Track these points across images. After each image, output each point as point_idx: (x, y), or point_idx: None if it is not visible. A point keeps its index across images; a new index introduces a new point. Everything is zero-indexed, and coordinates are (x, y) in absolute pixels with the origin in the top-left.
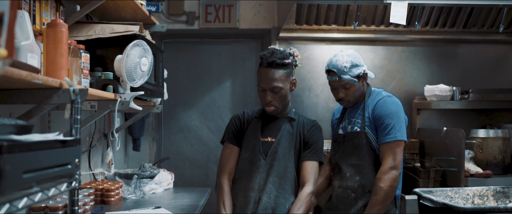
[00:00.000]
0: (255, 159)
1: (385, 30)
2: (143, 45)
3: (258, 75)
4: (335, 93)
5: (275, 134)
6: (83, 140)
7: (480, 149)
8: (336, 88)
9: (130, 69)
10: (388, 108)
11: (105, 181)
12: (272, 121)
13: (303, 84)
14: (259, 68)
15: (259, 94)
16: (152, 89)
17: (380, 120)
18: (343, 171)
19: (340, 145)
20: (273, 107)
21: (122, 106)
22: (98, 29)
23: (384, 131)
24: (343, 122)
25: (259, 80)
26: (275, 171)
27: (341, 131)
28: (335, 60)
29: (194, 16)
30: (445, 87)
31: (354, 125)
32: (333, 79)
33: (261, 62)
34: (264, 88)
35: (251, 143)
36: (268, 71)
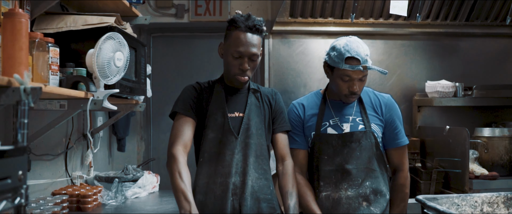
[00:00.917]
0: (226, 139)
1: (384, 23)
2: (118, 38)
3: (232, 39)
4: (347, 86)
5: (242, 108)
6: (59, 141)
7: (485, 149)
8: (353, 79)
9: (102, 64)
10: (398, 110)
11: (83, 186)
12: (234, 94)
13: (298, 80)
14: (231, 31)
15: (231, 61)
16: (132, 86)
17: (395, 123)
18: (353, 176)
19: (338, 147)
20: (247, 77)
21: (95, 106)
22: (70, 20)
23: (399, 134)
24: (330, 120)
25: (235, 44)
26: (252, 151)
27: (332, 131)
28: (356, 47)
29: (183, 9)
30: (447, 83)
31: (356, 124)
32: (356, 69)
33: (236, 25)
34: (243, 54)
35: (217, 121)
36: (248, 35)
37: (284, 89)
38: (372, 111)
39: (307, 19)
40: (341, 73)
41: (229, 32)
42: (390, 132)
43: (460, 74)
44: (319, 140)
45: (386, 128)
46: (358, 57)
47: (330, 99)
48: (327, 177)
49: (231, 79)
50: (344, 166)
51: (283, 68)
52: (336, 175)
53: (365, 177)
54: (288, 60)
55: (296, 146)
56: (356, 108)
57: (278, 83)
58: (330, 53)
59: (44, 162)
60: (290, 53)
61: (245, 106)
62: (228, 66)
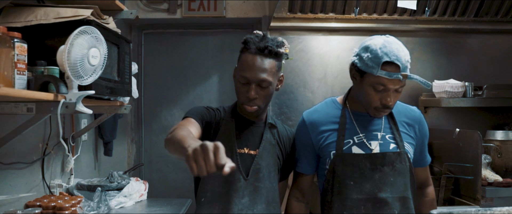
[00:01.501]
0: (233, 178)
1: (389, 19)
2: (94, 33)
3: (240, 63)
4: (380, 98)
5: (254, 145)
6: (35, 147)
7: (498, 154)
8: (388, 90)
9: (75, 62)
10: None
11: (61, 196)
12: (248, 127)
13: (297, 79)
14: (242, 53)
15: (239, 88)
16: (114, 86)
17: (425, 140)
18: (389, 207)
19: (366, 170)
20: (256, 107)
21: (67, 109)
22: (41, 13)
23: (425, 152)
24: (354, 137)
25: (242, 69)
26: (263, 196)
27: (358, 150)
28: (396, 50)
29: (176, 4)
30: (456, 82)
31: (386, 142)
32: (394, 77)
33: (247, 46)
34: (249, 80)
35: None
36: (258, 59)
37: (282, 89)
38: (403, 128)
39: (307, 14)
40: (375, 81)
41: (240, 54)
42: (420, 151)
43: (468, 73)
44: (342, 161)
45: (416, 146)
46: (398, 63)
47: (353, 111)
48: (355, 207)
49: (240, 107)
50: (377, 195)
51: None
52: (367, 206)
53: (401, 208)
54: None
55: (302, 171)
56: (384, 122)
57: None
58: (361, 55)
59: (16, 171)
60: (289, 50)
61: (260, 143)
62: (237, 93)
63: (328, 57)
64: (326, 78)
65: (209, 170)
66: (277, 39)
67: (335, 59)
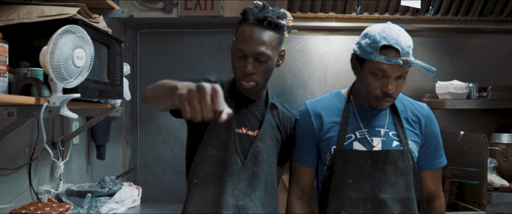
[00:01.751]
0: (229, 160)
1: (391, 18)
2: (79, 32)
3: (237, 35)
4: (380, 85)
5: (253, 125)
6: (22, 151)
7: (504, 157)
8: (388, 76)
9: (58, 64)
10: (437, 123)
11: (49, 203)
12: (247, 105)
13: (296, 80)
14: (240, 25)
15: (235, 62)
16: (104, 88)
17: (436, 139)
18: (388, 208)
19: (367, 168)
20: (253, 83)
21: (50, 113)
22: (24, 12)
23: (438, 153)
24: (356, 132)
25: (239, 41)
26: (262, 181)
27: (359, 146)
28: (396, 34)
29: (172, 3)
30: (460, 83)
31: (389, 139)
32: (393, 62)
33: (245, 17)
34: (246, 53)
35: (220, 135)
36: (256, 30)
37: (281, 90)
38: (408, 124)
39: (306, 14)
40: (374, 67)
41: (238, 26)
42: (427, 151)
43: (472, 73)
44: (342, 158)
45: (424, 146)
46: (398, 47)
47: (357, 104)
48: (353, 207)
49: (237, 83)
50: (377, 195)
51: (280, 68)
52: (365, 206)
53: (402, 209)
54: (286, 58)
55: (303, 163)
56: (389, 118)
57: (274, 83)
58: (360, 42)
59: (0, 177)
60: (288, 50)
61: (260, 123)
62: (233, 68)
63: (328, 58)
64: (326, 79)
65: (205, 115)
66: (278, 10)
67: (336, 59)
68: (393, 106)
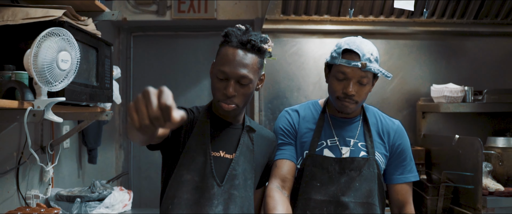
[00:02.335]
0: (205, 184)
1: (386, 21)
2: (64, 35)
3: (219, 56)
4: (342, 86)
5: (231, 148)
6: (9, 156)
7: (499, 162)
8: (348, 79)
9: (42, 67)
10: (408, 140)
11: (37, 208)
12: (224, 128)
13: (291, 83)
14: (222, 47)
15: (215, 84)
16: (92, 92)
17: (404, 154)
18: (349, 211)
19: (334, 173)
20: (233, 105)
21: (34, 117)
22: (8, 14)
23: (407, 167)
24: (328, 140)
25: (221, 63)
26: (237, 206)
27: (329, 153)
28: (359, 42)
29: (165, 6)
30: (456, 87)
31: (357, 149)
32: (352, 65)
33: (228, 39)
34: (229, 76)
35: (196, 159)
36: (239, 53)
37: (275, 93)
38: (378, 137)
39: (301, 16)
40: (337, 70)
41: (220, 47)
42: (395, 164)
43: (467, 77)
44: (312, 162)
45: (392, 159)
46: (358, 51)
47: (331, 115)
48: (317, 208)
49: (216, 106)
50: (339, 198)
51: (275, 71)
52: (329, 208)
53: (364, 212)
54: (280, 61)
55: (283, 157)
56: (360, 129)
57: (269, 86)
58: (331, 53)
59: None
60: (282, 53)
61: (237, 146)
62: (213, 90)
63: (323, 61)
64: (320, 82)
65: (151, 115)
66: (261, 35)
67: None
68: (365, 119)
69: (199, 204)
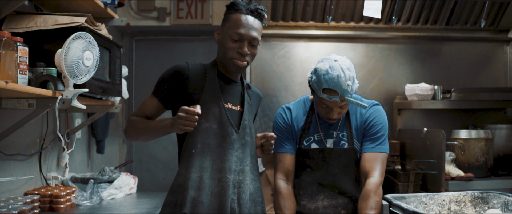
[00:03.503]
0: (225, 131)
1: (365, 26)
2: (87, 38)
3: (232, 21)
4: (325, 112)
5: (235, 101)
6: (33, 142)
7: (461, 151)
8: (330, 108)
9: (71, 64)
10: (383, 118)
11: (57, 187)
12: (228, 84)
13: (279, 83)
14: (231, 14)
15: (229, 45)
16: (106, 86)
17: (374, 128)
18: (328, 192)
19: (319, 161)
20: (245, 62)
21: (64, 105)
22: (40, 20)
23: (377, 141)
24: (315, 134)
25: (236, 26)
26: (249, 149)
27: (315, 145)
28: (336, 77)
29: (165, 12)
30: (426, 86)
31: (339, 140)
32: (333, 100)
33: (236, 7)
34: (243, 37)
35: (212, 110)
36: (250, 19)
37: (265, 92)
38: (358, 125)
39: (288, 22)
40: (320, 100)
41: (228, 15)
42: (367, 137)
43: (440, 77)
44: (302, 154)
45: (364, 132)
46: (336, 89)
47: (318, 114)
48: (305, 187)
49: (227, 63)
50: (321, 181)
51: (265, 72)
52: (312, 188)
53: (344, 192)
54: (270, 63)
55: (284, 151)
56: (342, 123)
57: (260, 86)
58: (312, 76)
59: (16, 162)
60: (271, 56)
61: (242, 100)
62: (225, 50)
63: (309, 63)
64: (306, 82)
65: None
66: (261, 5)
67: (315, 64)
68: (348, 115)
69: (222, 148)
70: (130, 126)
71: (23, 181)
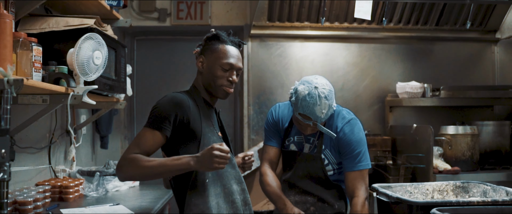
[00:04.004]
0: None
1: (359, 27)
2: (97, 38)
3: (220, 52)
4: (300, 127)
5: (218, 128)
6: (43, 136)
7: (449, 146)
8: (305, 126)
9: (82, 62)
10: (357, 134)
11: (65, 178)
12: (208, 110)
13: (275, 81)
14: (217, 45)
15: (219, 74)
16: (112, 84)
17: (350, 147)
18: (299, 189)
19: (294, 163)
20: (232, 90)
21: (75, 101)
22: (52, 22)
23: (355, 159)
24: (295, 137)
25: (226, 57)
26: (236, 167)
27: (294, 147)
28: (312, 105)
29: (165, 13)
30: (416, 84)
31: (312, 145)
32: (306, 123)
33: (222, 39)
34: (233, 67)
35: (212, 139)
36: (236, 50)
37: (262, 90)
38: (329, 139)
39: (284, 23)
40: (296, 117)
41: (213, 46)
42: (345, 156)
43: (431, 76)
44: (283, 154)
45: (342, 152)
46: (311, 117)
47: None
48: (284, 185)
49: (216, 90)
50: (292, 180)
51: (262, 70)
52: (284, 185)
53: (313, 193)
54: (266, 62)
55: (270, 144)
56: (318, 131)
57: (256, 84)
58: (292, 94)
59: (28, 154)
60: (268, 55)
61: (221, 126)
62: (215, 78)
63: (304, 62)
64: None
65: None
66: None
67: (310, 63)
68: (324, 123)
69: (226, 172)
70: (131, 166)
71: (34, 172)
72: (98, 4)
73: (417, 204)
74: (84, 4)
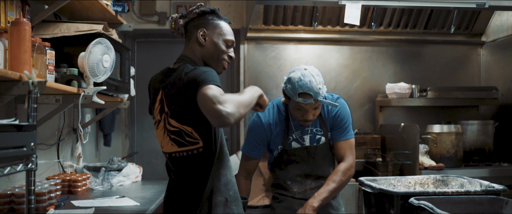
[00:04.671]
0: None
1: (350, 30)
2: (106, 43)
3: (223, 28)
4: (301, 115)
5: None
6: (52, 134)
7: (434, 144)
8: (306, 110)
9: (92, 65)
10: (347, 110)
11: (74, 173)
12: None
13: (271, 82)
14: (218, 20)
15: (222, 47)
16: (117, 85)
17: (342, 121)
18: (315, 179)
19: (303, 157)
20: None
21: (85, 100)
22: (64, 28)
23: (345, 130)
24: (292, 134)
25: (227, 33)
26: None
27: (296, 144)
28: (309, 82)
29: (165, 16)
30: (404, 85)
31: (314, 135)
32: (308, 102)
33: (219, 15)
34: (233, 44)
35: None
36: (230, 27)
37: None
38: (326, 119)
39: (279, 26)
40: (295, 104)
41: (214, 21)
42: (337, 129)
43: (419, 77)
44: (287, 153)
45: (333, 125)
46: (310, 92)
47: (292, 116)
48: (294, 178)
49: (217, 63)
50: (306, 172)
51: (257, 72)
52: (301, 177)
53: (324, 177)
54: (261, 64)
55: (252, 156)
56: (314, 120)
57: (252, 84)
58: (286, 85)
59: (40, 150)
60: (263, 57)
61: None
62: (219, 51)
63: (298, 63)
64: None
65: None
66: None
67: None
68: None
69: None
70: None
71: (45, 167)
72: (104, 10)
73: (398, 194)
74: (91, 10)
